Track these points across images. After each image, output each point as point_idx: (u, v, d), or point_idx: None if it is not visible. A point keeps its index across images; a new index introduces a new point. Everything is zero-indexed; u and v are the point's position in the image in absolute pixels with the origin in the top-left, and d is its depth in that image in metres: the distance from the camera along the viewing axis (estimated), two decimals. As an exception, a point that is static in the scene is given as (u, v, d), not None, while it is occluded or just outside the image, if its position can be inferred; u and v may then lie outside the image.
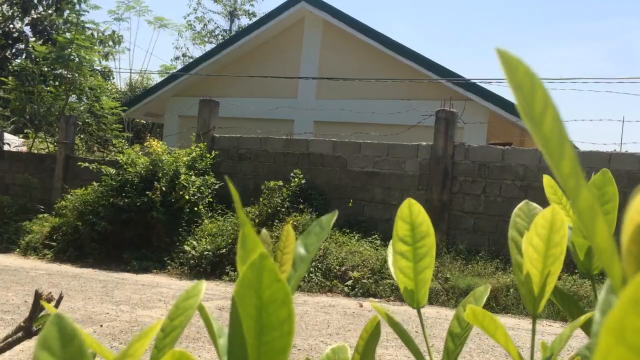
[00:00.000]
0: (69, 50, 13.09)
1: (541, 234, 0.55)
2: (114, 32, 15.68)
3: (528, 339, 5.85)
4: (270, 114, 13.42)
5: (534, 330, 0.60)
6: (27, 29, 16.13)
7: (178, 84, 15.09)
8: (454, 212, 9.09)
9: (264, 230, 0.52)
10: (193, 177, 9.64)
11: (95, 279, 7.85)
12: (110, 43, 15.55)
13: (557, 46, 59.76)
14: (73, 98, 14.29)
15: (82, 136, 14.59)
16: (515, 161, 8.80)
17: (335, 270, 8.14)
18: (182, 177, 9.39)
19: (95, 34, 15.09)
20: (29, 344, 4.16)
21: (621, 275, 0.24)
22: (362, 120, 12.48)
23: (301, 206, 9.34)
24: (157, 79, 25.28)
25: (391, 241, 0.69)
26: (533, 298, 0.57)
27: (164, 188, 9.18)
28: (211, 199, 9.75)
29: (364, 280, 7.86)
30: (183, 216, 9.32)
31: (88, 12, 14.70)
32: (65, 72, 13.50)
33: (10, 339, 1.19)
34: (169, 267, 8.69)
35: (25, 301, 6.18)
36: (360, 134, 10.89)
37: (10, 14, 16.00)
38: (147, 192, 9.13)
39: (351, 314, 6.62)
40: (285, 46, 14.25)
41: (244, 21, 29.84)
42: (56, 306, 1.09)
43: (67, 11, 14.67)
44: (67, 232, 9.55)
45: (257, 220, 9.21)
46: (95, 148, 15.16)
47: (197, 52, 34.06)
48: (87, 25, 14.94)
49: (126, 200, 9.15)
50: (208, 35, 29.99)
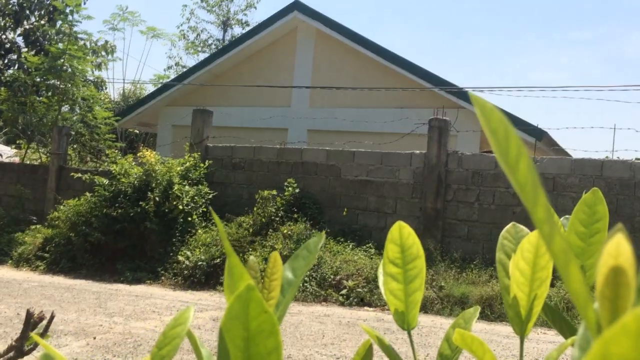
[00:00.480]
0: (62, 60, 13.08)
1: (527, 258, 0.55)
2: (106, 42, 15.69)
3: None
4: (264, 123, 13.43)
5: (521, 352, 0.60)
6: (20, 40, 16.12)
7: (171, 94, 15.09)
8: (448, 220, 9.11)
9: (251, 258, 0.52)
10: (187, 187, 9.62)
11: (88, 290, 7.81)
12: (103, 53, 15.55)
13: (548, 53, 60.22)
14: (66, 108, 14.27)
15: (75, 146, 14.56)
16: (508, 169, 8.81)
17: (329, 280, 8.13)
18: (176, 187, 9.37)
19: (88, 44, 15.08)
20: None
21: (595, 319, 0.24)
22: (355, 129, 12.51)
23: (295, 215, 9.33)
24: (150, 88, 25.27)
25: (381, 262, 0.70)
26: (520, 321, 0.57)
27: (157, 198, 9.15)
28: (205, 209, 9.73)
29: (359, 289, 7.85)
30: (177, 226, 9.29)
31: (80, 22, 14.66)
32: (58, 83, 13.49)
33: (2, 359, 1.19)
34: (162, 278, 8.65)
35: (18, 314, 6.13)
36: (354, 143, 10.91)
37: (2, 24, 15.98)
38: (141, 203, 9.10)
39: (346, 324, 6.60)
40: (279, 55, 14.28)
41: (237, 30, 29.87)
42: (47, 326, 1.09)
43: (60, 22, 14.67)
44: (60, 243, 9.50)
45: (251, 230, 9.20)
46: (88, 158, 15.12)
47: (190, 61, 34.14)
48: (79, 35, 14.94)
49: (119, 211, 9.12)
50: (201, 44, 30.01)
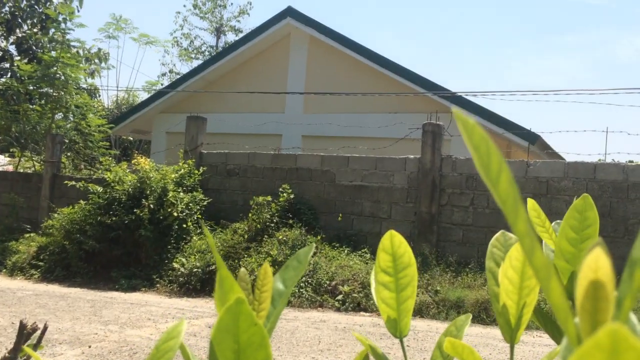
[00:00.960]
0: (55, 68, 13.06)
1: (516, 267, 0.56)
2: (99, 49, 15.66)
3: (518, 352, 5.85)
4: (258, 129, 13.44)
5: (511, 359, 0.61)
6: (12, 48, 16.07)
7: (165, 101, 15.09)
8: (442, 224, 9.12)
9: (242, 270, 0.53)
10: (181, 193, 9.61)
11: (83, 299, 7.77)
12: (97, 61, 15.52)
13: (541, 57, 60.52)
14: (59, 116, 14.23)
15: (68, 154, 14.51)
16: (502, 172, 8.85)
17: (325, 285, 8.12)
18: (170, 194, 9.35)
19: (81, 51, 15.06)
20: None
21: (575, 332, 0.25)
22: (349, 134, 12.53)
23: (290, 221, 9.32)
24: (143, 95, 25.26)
25: (373, 271, 0.70)
26: (510, 329, 0.58)
27: (152, 205, 9.13)
28: (200, 216, 9.72)
29: (355, 295, 7.85)
30: (171, 233, 9.27)
31: (73, 30, 14.70)
32: (51, 91, 13.46)
33: (-6, 370, 1.18)
34: (158, 285, 8.62)
35: (12, 323, 6.10)
36: (348, 148, 10.92)
37: (-5, 33, 15.94)
38: (135, 210, 9.07)
39: (342, 329, 6.60)
40: (272, 62, 14.31)
41: (231, 37, 29.93)
42: (40, 336, 1.09)
43: (53, 30, 14.65)
44: (54, 252, 9.46)
45: (246, 236, 9.18)
46: (82, 166, 15.07)
47: (184, 68, 34.10)
48: (72, 43, 14.92)
49: (114, 219, 9.09)
50: (195, 51, 30.04)
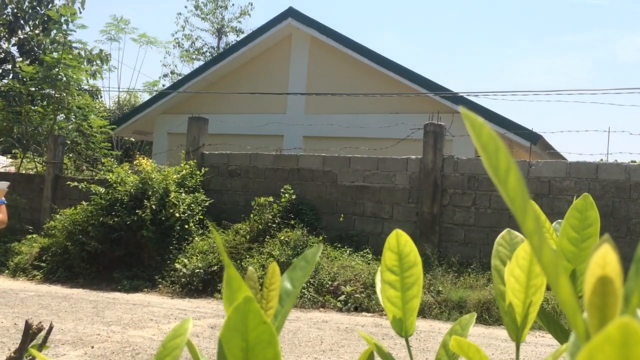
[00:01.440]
0: (56, 69, 13.07)
1: (522, 266, 0.56)
2: (101, 50, 15.68)
3: (521, 352, 5.85)
4: (260, 130, 13.44)
5: (517, 358, 0.61)
6: (14, 50, 16.10)
7: (166, 102, 15.10)
8: (444, 224, 9.12)
9: (250, 268, 0.53)
10: (183, 194, 9.61)
11: (85, 300, 7.78)
12: (98, 62, 15.54)
13: (542, 57, 60.45)
14: (61, 117, 14.25)
15: (70, 155, 14.53)
16: (503, 173, 8.84)
17: (327, 286, 8.12)
18: (172, 194, 9.36)
19: (82, 53, 15.08)
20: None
21: (584, 328, 0.25)
22: (351, 135, 12.53)
23: (292, 222, 9.33)
24: (145, 96, 25.28)
25: (379, 270, 0.70)
26: (516, 327, 0.58)
27: (154, 206, 9.14)
28: (202, 216, 9.72)
29: (357, 295, 7.85)
30: (173, 234, 9.28)
31: (75, 31, 14.71)
32: (53, 92, 13.48)
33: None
34: (160, 286, 8.63)
35: (15, 324, 6.11)
36: (350, 149, 10.92)
37: (-4, 34, 15.98)
38: (137, 211, 9.08)
39: (344, 330, 6.60)
40: (273, 62, 14.31)
41: (232, 38, 29.94)
42: (46, 336, 1.09)
43: (54, 31, 14.67)
44: (56, 253, 9.47)
45: (248, 237, 9.19)
46: (84, 167, 15.09)
47: (185, 69, 34.14)
48: (74, 44, 14.94)
49: (116, 219, 9.10)
50: (196, 52, 30.06)
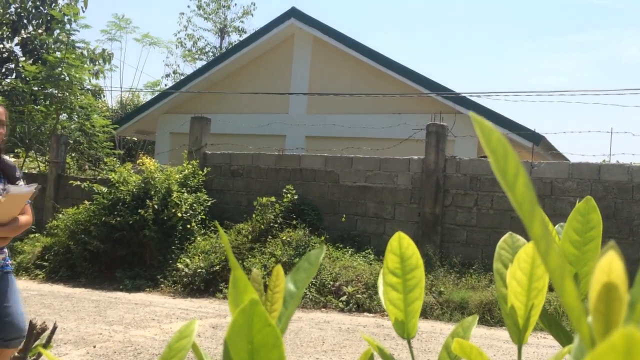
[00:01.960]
0: (59, 69, 13.10)
1: (524, 269, 0.56)
2: (104, 50, 15.71)
3: (523, 353, 5.85)
4: (262, 130, 13.45)
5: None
6: (17, 49, 16.14)
7: (169, 102, 15.12)
8: (446, 225, 9.12)
9: (255, 270, 0.53)
10: (185, 194, 9.63)
11: (87, 299, 7.80)
12: (101, 61, 15.57)
13: (545, 58, 60.35)
14: (64, 117, 14.28)
15: (73, 155, 14.55)
16: (506, 173, 8.83)
17: (329, 286, 8.12)
18: (175, 194, 9.37)
19: (85, 52, 15.11)
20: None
21: (588, 333, 0.25)
22: (353, 135, 12.53)
23: (294, 222, 9.33)
24: (147, 96, 25.30)
25: (381, 272, 0.71)
26: (518, 330, 0.58)
27: (156, 206, 9.15)
28: (204, 216, 9.73)
29: (358, 295, 7.85)
30: (176, 234, 9.29)
31: (78, 31, 14.72)
32: (56, 91, 13.50)
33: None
34: (162, 286, 8.64)
35: (17, 323, 6.12)
36: (352, 149, 10.93)
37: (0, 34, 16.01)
38: (140, 211, 9.10)
39: (346, 330, 6.60)
40: (276, 62, 14.32)
41: (234, 38, 29.98)
42: (50, 336, 1.10)
43: (57, 31, 14.70)
44: (59, 252, 9.48)
45: (250, 237, 9.20)
46: (87, 167, 15.12)
47: (188, 69, 34.21)
48: (77, 44, 14.97)
49: (118, 219, 9.11)
50: (198, 52, 30.09)
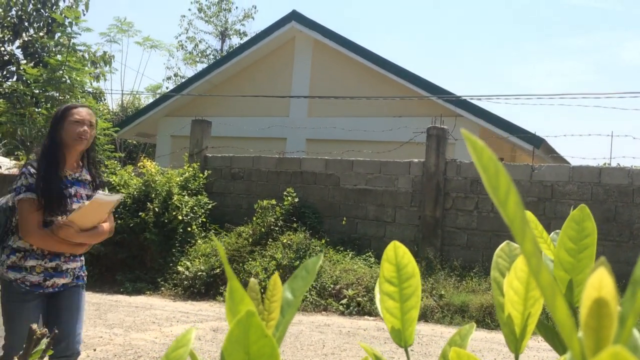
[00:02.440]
0: (61, 72, 13.11)
1: (521, 277, 0.57)
2: (105, 52, 15.73)
3: (522, 357, 5.84)
4: (263, 133, 13.46)
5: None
6: (18, 52, 16.17)
7: (170, 104, 15.13)
8: (447, 228, 9.11)
9: (252, 280, 0.53)
10: (186, 197, 9.63)
11: (88, 302, 7.79)
12: (102, 64, 15.59)
13: (546, 61, 60.41)
14: (65, 120, 14.26)
15: (74, 157, 14.53)
16: (506, 176, 8.84)
17: (329, 289, 8.12)
18: (175, 197, 9.38)
19: (86, 55, 15.13)
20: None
21: (579, 349, 0.25)
22: (354, 138, 12.54)
23: (294, 225, 9.34)
24: (149, 99, 25.31)
25: (378, 281, 0.71)
26: (515, 339, 0.58)
27: (156, 209, 9.16)
28: (204, 219, 9.74)
29: (359, 299, 7.85)
30: (176, 237, 9.29)
31: (80, 34, 14.73)
32: (57, 94, 13.51)
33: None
34: (162, 289, 8.64)
35: (17, 326, 6.12)
36: (353, 152, 10.93)
37: (1, 37, 16.05)
38: (140, 213, 9.10)
39: (346, 333, 6.60)
40: (277, 65, 14.34)
41: (235, 41, 30.02)
42: (50, 342, 1.10)
43: (59, 34, 14.73)
44: (59, 255, 9.48)
45: (250, 240, 9.20)
46: (88, 169, 15.10)
47: (188, 72, 34.24)
48: (78, 47, 14.99)
49: (119, 222, 9.11)
50: (199, 55, 30.13)
